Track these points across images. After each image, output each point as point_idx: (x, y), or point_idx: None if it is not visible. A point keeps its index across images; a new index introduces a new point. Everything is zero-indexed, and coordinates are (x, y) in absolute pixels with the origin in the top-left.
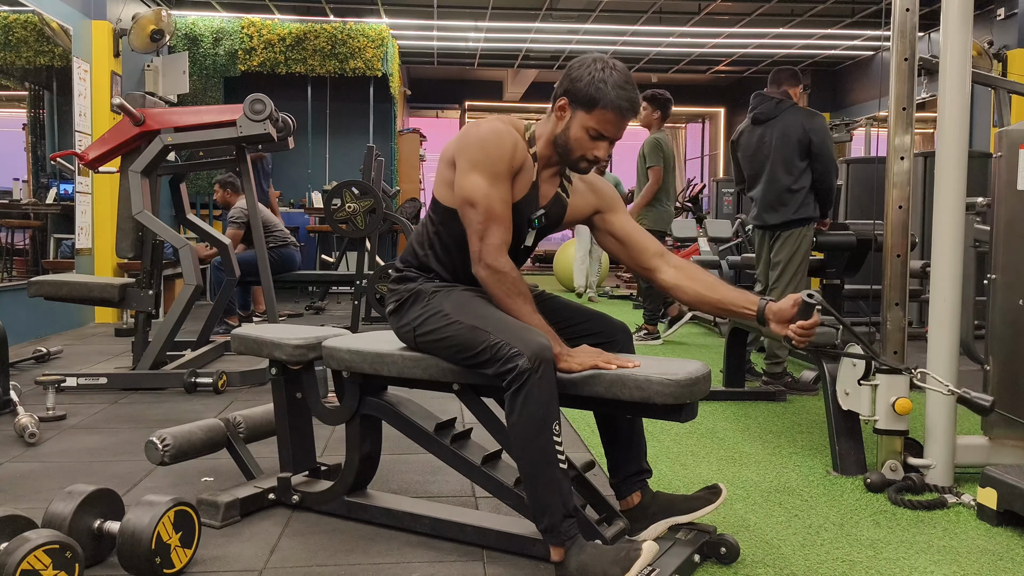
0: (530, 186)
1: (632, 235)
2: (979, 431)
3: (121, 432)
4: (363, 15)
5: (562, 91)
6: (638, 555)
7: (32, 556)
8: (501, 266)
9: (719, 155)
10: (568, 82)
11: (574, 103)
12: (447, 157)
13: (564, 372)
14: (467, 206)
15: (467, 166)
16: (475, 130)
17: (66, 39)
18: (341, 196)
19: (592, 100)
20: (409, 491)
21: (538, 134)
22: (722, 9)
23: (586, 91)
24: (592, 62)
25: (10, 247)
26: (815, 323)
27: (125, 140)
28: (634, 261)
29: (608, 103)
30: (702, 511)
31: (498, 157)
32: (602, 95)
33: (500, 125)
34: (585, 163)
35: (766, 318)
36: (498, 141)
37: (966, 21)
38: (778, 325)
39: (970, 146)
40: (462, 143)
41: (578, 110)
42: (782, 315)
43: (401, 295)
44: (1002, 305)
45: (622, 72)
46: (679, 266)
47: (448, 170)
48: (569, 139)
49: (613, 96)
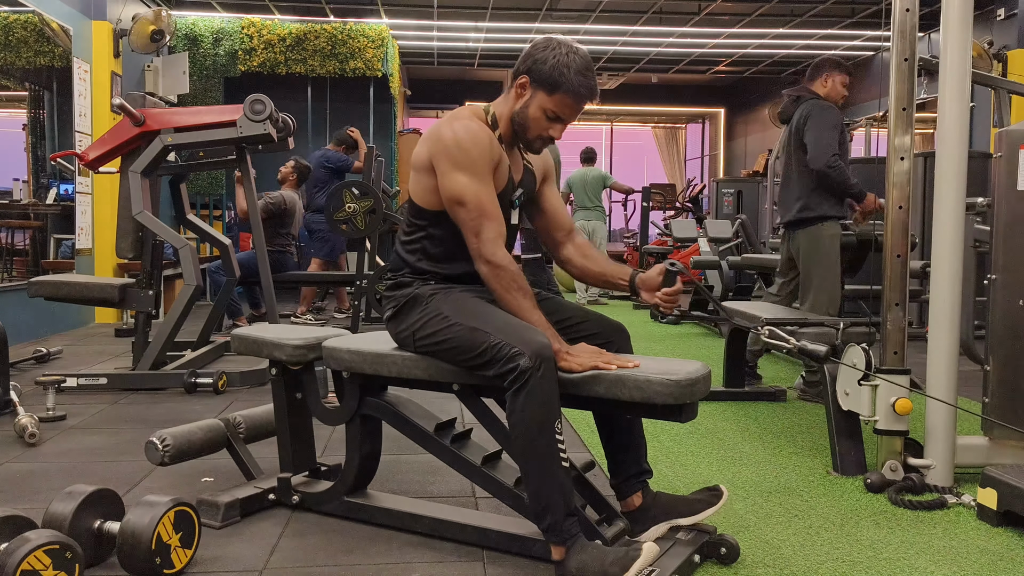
0: (507, 172)
1: (556, 210)
2: (979, 431)
3: (121, 432)
4: (363, 15)
5: (524, 69)
6: (638, 555)
7: (32, 556)
8: (500, 260)
9: (719, 155)
10: (531, 62)
11: (535, 83)
12: (421, 162)
13: (564, 371)
14: (457, 206)
15: (449, 167)
16: (447, 132)
17: (66, 39)
18: (341, 197)
19: (555, 84)
20: (409, 491)
21: (498, 114)
22: (722, 9)
23: (549, 74)
24: (557, 45)
25: (10, 247)
26: (678, 290)
27: (125, 140)
28: (547, 232)
29: (570, 89)
30: (703, 514)
31: (478, 155)
32: (565, 80)
33: (471, 123)
34: (539, 142)
35: (636, 287)
36: (475, 139)
37: (966, 21)
38: (647, 293)
39: (970, 146)
40: (437, 146)
41: (539, 91)
42: (649, 283)
43: (398, 301)
44: (1002, 305)
45: (584, 58)
46: (579, 245)
47: (426, 176)
48: (528, 118)
49: (576, 82)
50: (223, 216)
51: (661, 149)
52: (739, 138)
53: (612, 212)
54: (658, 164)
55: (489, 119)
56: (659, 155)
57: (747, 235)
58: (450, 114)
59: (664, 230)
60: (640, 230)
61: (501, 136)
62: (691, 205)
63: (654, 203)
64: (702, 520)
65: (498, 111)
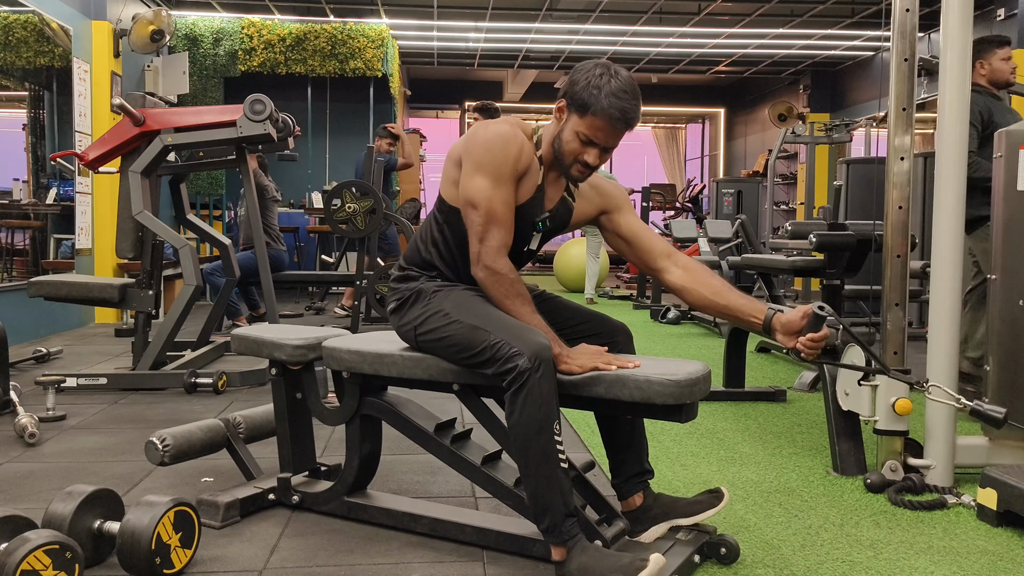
0: (535, 189)
1: (639, 235)
2: (979, 432)
3: (121, 432)
4: (363, 15)
5: (562, 92)
6: (644, 566)
7: (32, 556)
8: (499, 267)
9: (719, 155)
10: (568, 84)
11: (570, 106)
12: (454, 156)
13: (564, 374)
14: (469, 207)
15: (472, 167)
16: (483, 132)
17: (66, 39)
18: (341, 196)
19: (584, 105)
20: (409, 491)
21: (544, 136)
22: (722, 9)
23: (580, 95)
24: (593, 67)
25: (10, 247)
26: (824, 336)
27: (125, 140)
28: (642, 261)
29: (599, 110)
30: (704, 515)
31: (503, 160)
32: (594, 101)
33: (507, 128)
34: (577, 168)
35: (773, 328)
36: (503, 144)
37: (966, 21)
38: (785, 336)
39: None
40: (469, 144)
41: (572, 113)
42: (790, 327)
43: (403, 294)
44: (1002, 305)
45: (623, 81)
46: (687, 267)
47: (454, 169)
48: (563, 142)
49: (605, 104)
50: (223, 216)
51: (661, 149)
52: (739, 138)
53: None
54: (658, 164)
55: (535, 139)
56: (659, 155)
57: (747, 235)
58: (499, 119)
59: (664, 230)
60: None
61: (542, 157)
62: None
63: (654, 203)
64: (702, 521)
65: (544, 132)
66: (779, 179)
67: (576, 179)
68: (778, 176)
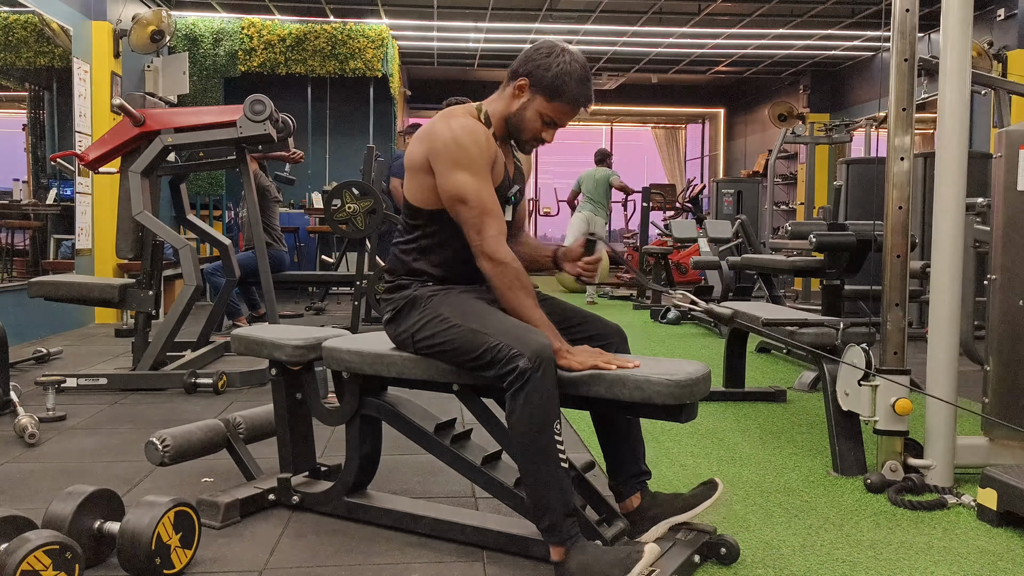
0: (503, 169)
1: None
2: (979, 432)
3: (121, 433)
4: (363, 16)
5: (524, 72)
6: (640, 557)
7: (32, 556)
8: (503, 256)
9: (719, 155)
10: (532, 66)
11: (535, 87)
12: (417, 162)
13: (564, 369)
14: (459, 204)
15: (449, 166)
16: (444, 131)
17: (66, 40)
18: (341, 197)
19: (556, 91)
20: (409, 492)
21: (491, 112)
22: (722, 10)
23: (552, 82)
24: (561, 52)
25: (10, 248)
26: (597, 259)
27: (125, 141)
28: None
29: (570, 98)
30: (700, 507)
31: (477, 153)
32: (567, 89)
33: (467, 121)
34: (532, 143)
35: (559, 260)
36: (474, 137)
37: (966, 21)
38: (569, 264)
39: (970, 146)
40: (435, 145)
41: (538, 95)
42: (571, 255)
43: (396, 303)
44: (1002, 305)
45: (584, 67)
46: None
47: (422, 175)
48: (524, 120)
49: (576, 92)
50: (223, 216)
51: (661, 149)
52: (739, 138)
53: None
54: (658, 164)
55: (482, 117)
56: (659, 155)
57: (747, 235)
58: (442, 113)
59: (664, 230)
60: (640, 230)
61: (495, 134)
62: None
63: (654, 203)
64: (701, 512)
65: (491, 109)
66: (779, 179)
67: (528, 152)
68: (778, 176)
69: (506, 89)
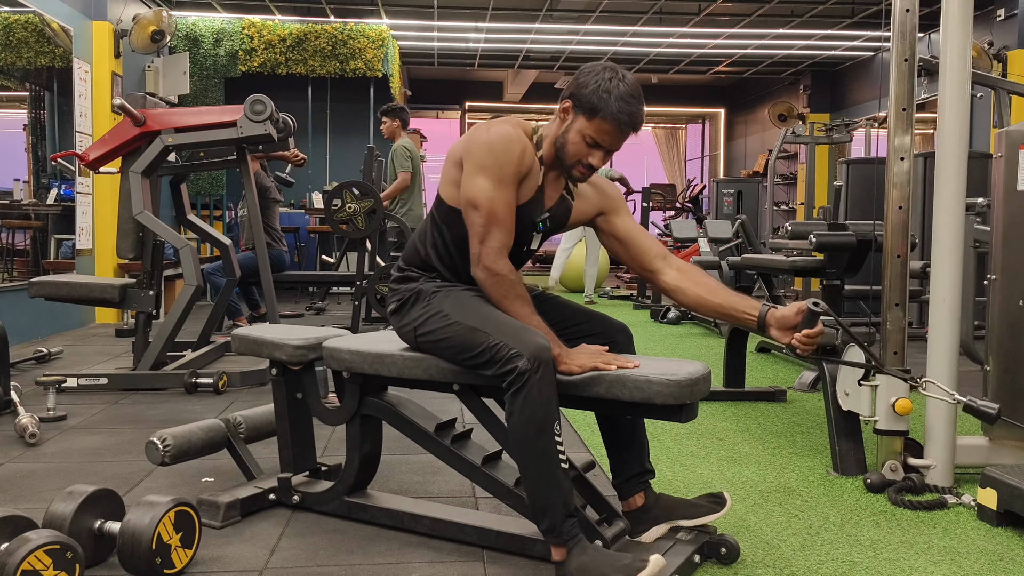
0: (536, 189)
1: (635, 237)
2: (979, 432)
3: (121, 432)
4: (363, 16)
5: (568, 93)
6: (643, 566)
7: (33, 556)
8: (499, 268)
9: (719, 155)
10: (575, 86)
11: (577, 108)
12: (454, 157)
13: (564, 374)
14: (470, 208)
15: (474, 168)
16: (484, 133)
17: (67, 40)
18: (341, 197)
19: (593, 108)
20: (409, 491)
21: (544, 136)
22: (722, 10)
23: (589, 99)
24: (602, 70)
25: (11, 248)
26: (819, 332)
27: (126, 141)
28: (636, 262)
29: (608, 114)
30: (706, 518)
31: (505, 161)
32: (604, 105)
33: (509, 129)
34: (580, 169)
35: (768, 324)
36: (506, 145)
37: (966, 21)
38: (780, 332)
39: (970, 146)
40: (470, 145)
41: (579, 115)
42: (785, 322)
43: (402, 295)
44: (1002, 306)
45: (630, 85)
46: (681, 268)
47: (455, 170)
48: (567, 143)
49: (615, 108)
50: (223, 216)
51: (661, 149)
52: (739, 138)
53: None
54: (658, 164)
55: (535, 139)
56: (659, 155)
57: (747, 235)
58: (498, 119)
59: (664, 230)
60: None
61: (543, 158)
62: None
63: (654, 203)
64: (703, 523)
65: (545, 131)
66: (779, 179)
67: (577, 179)
68: (778, 176)
69: (556, 115)
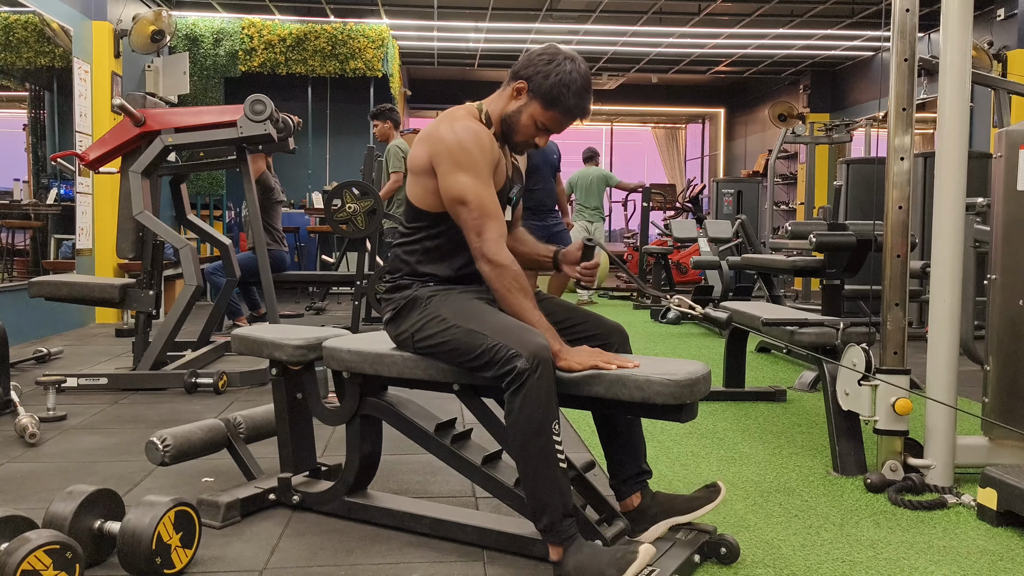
0: (504, 169)
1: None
2: (979, 431)
3: (121, 432)
4: (363, 16)
5: (524, 75)
6: (635, 557)
7: (33, 556)
8: (502, 260)
9: (719, 155)
10: (532, 70)
11: (533, 92)
12: (420, 164)
13: (563, 371)
14: (459, 206)
15: (451, 167)
16: (447, 132)
17: (66, 40)
18: (341, 197)
19: (553, 100)
20: (409, 491)
21: (491, 112)
22: (722, 10)
23: (549, 90)
24: (563, 60)
25: (11, 248)
26: (595, 264)
27: (126, 141)
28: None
29: (565, 108)
30: (702, 510)
31: (479, 155)
32: (563, 100)
33: (470, 123)
34: (524, 146)
35: (559, 262)
36: (477, 140)
37: (966, 21)
38: (567, 267)
39: (970, 146)
40: (438, 147)
41: (535, 101)
42: (569, 257)
43: (397, 303)
44: (1002, 305)
45: (585, 77)
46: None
47: (425, 177)
48: (518, 123)
49: (572, 104)
50: (223, 216)
51: (661, 149)
52: (739, 138)
53: (612, 212)
54: (658, 164)
55: (483, 117)
56: (659, 155)
57: (747, 235)
58: (445, 114)
59: (664, 230)
60: (640, 230)
61: (495, 134)
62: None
63: (654, 203)
64: (701, 516)
65: (490, 108)
66: (779, 179)
67: (520, 153)
68: (778, 176)
69: (506, 89)
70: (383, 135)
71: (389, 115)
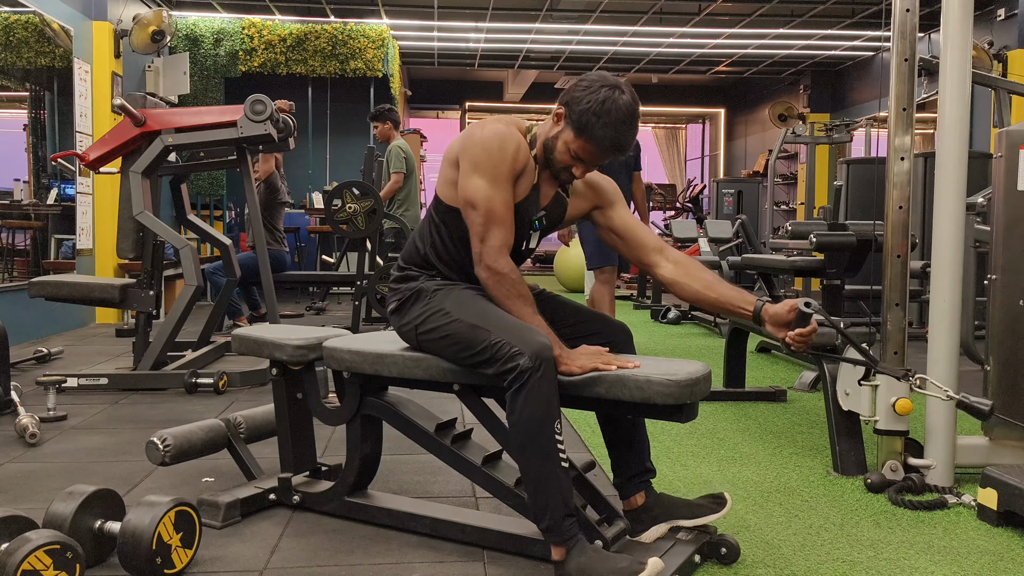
0: (531, 188)
1: (631, 230)
2: (979, 431)
3: (122, 432)
4: (364, 16)
5: (564, 100)
6: (641, 569)
7: (33, 556)
8: (501, 267)
9: (719, 155)
10: (570, 96)
11: (568, 119)
12: (450, 157)
13: (564, 375)
14: (469, 207)
15: (470, 168)
16: (479, 132)
17: (67, 40)
18: (341, 197)
19: (582, 127)
20: (410, 491)
21: (538, 135)
22: (722, 10)
23: (580, 116)
24: (599, 88)
25: (11, 248)
26: (812, 331)
27: (126, 141)
28: (634, 256)
29: (593, 138)
30: (706, 519)
31: (500, 160)
32: (590, 128)
33: (503, 128)
34: (564, 174)
35: (762, 319)
36: (501, 144)
37: (966, 21)
38: (774, 328)
39: (970, 146)
40: (465, 144)
41: (568, 128)
42: (778, 319)
43: (403, 294)
44: (1002, 305)
45: (624, 108)
46: (678, 262)
47: (451, 170)
48: (555, 149)
49: (600, 134)
50: (224, 216)
51: (661, 149)
52: (739, 138)
53: None
54: (658, 164)
55: (529, 137)
56: (659, 155)
57: (747, 235)
58: (492, 117)
59: (664, 230)
60: None
61: (536, 157)
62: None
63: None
64: (704, 523)
65: (539, 131)
66: (779, 179)
67: (564, 183)
68: (778, 176)
69: (551, 116)
70: (384, 136)
71: (388, 116)
